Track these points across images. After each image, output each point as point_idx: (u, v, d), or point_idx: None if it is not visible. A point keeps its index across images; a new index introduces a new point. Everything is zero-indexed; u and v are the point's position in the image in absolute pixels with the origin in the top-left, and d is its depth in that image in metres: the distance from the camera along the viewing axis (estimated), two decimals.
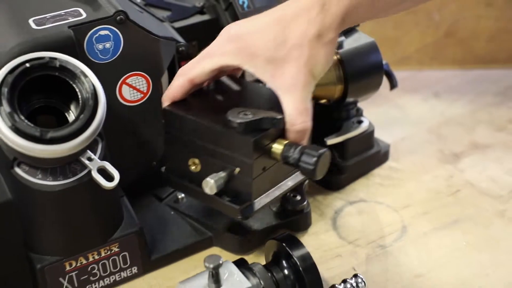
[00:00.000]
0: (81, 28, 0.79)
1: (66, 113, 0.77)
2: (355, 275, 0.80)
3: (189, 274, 0.75)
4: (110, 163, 0.76)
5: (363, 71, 0.95)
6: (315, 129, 0.95)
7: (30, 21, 0.79)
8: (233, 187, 0.78)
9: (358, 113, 1.01)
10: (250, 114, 0.76)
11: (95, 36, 0.80)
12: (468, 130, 1.12)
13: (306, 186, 0.94)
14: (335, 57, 0.93)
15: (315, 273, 0.77)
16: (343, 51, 0.93)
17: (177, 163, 0.82)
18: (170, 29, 0.93)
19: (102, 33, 0.80)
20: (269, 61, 0.76)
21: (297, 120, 0.76)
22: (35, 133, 0.71)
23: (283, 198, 0.90)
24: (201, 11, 0.99)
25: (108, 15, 0.80)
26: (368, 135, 1.01)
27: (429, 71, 1.30)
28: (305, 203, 0.91)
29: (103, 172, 0.76)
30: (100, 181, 0.75)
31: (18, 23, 0.79)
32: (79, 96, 0.74)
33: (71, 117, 0.77)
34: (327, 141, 0.96)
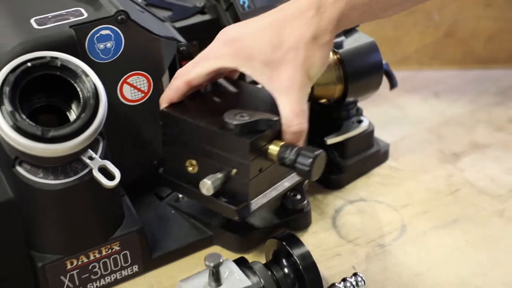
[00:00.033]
0: (82, 28, 0.79)
1: (67, 112, 0.77)
2: (354, 273, 0.80)
3: (189, 273, 0.75)
4: (111, 162, 0.76)
5: (363, 71, 0.95)
6: (315, 128, 0.96)
7: (32, 20, 0.79)
8: (230, 188, 0.79)
9: (358, 112, 1.01)
10: (247, 116, 0.76)
11: (96, 36, 0.80)
12: (468, 130, 1.11)
13: (306, 185, 0.94)
14: (335, 56, 0.93)
15: (315, 271, 0.77)
16: (343, 51, 0.93)
17: (175, 164, 0.83)
18: (171, 29, 0.94)
19: (103, 32, 0.80)
20: (265, 63, 0.77)
21: (293, 121, 0.77)
22: (37, 132, 0.71)
23: (283, 197, 0.91)
24: (202, 11, 0.99)
25: (109, 14, 0.80)
26: (368, 135, 1.01)
27: (429, 71, 1.30)
28: (305, 202, 0.91)
29: (104, 171, 0.76)
30: (101, 180, 0.75)
31: (19, 22, 0.79)
32: (80, 95, 0.75)
33: (72, 116, 0.77)
34: (327, 140, 0.96)
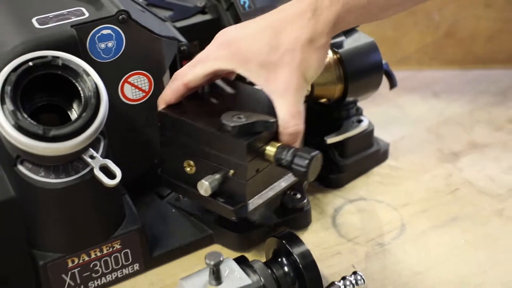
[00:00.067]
0: (83, 27, 0.79)
1: (68, 112, 0.77)
2: (354, 272, 0.80)
3: (190, 271, 0.76)
4: (112, 161, 0.77)
5: (363, 70, 0.95)
6: (315, 128, 0.97)
7: (33, 20, 0.80)
8: (227, 189, 0.79)
9: (358, 112, 1.01)
10: (244, 117, 0.77)
11: (97, 35, 0.80)
12: (467, 130, 1.12)
13: (306, 184, 0.94)
14: (335, 56, 0.94)
15: (314, 270, 0.77)
16: (343, 50, 0.93)
17: (173, 164, 0.83)
18: (172, 29, 0.94)
19: (105, 32, 0.80)
20: (262, 65, 0.77)
21: (290, 123, 0.77)
22: (38, 131, 0.71)
23: (283, 196, 0.91)
24: (202, 11, 1.00)
25: (110, 14, 0.80)
26: (368, 134, 1.01)
27: (428, 71, 1.30)
28: (305, 201, 0.91)
29: (105, 170, 0.76)
30: (102, 179, 0.75)
31: (21, 22, 0.80)
32: (81, 94, 0.75)
33: (73, 115, 0.77)
34: (327, 139, 0.97)
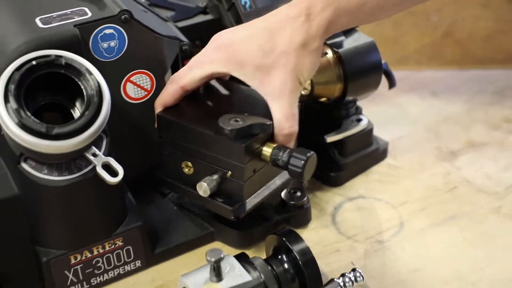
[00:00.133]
0: (86, 27, 0.80)
1: (71, 110, 0.78)
2: (353, 269, 0.81)
3: (191, 268, 0.76)
4: (114, 159, 0.77)
5: (362, 70, 0.96)
6: (315, 126, 0.97)
7: (37, 20, 0.80)
8: (225, 189, 0.81)
9: (358, 111, 1.01)
10: (241, 120, 0.78)
11: (100, 35, 0.81)
12: (465, 129, 1.12)
13: (306, 182, 0.95)
14: (335, 56, 0.94)
15: (314, 267, 0.77)
16: (343, 50, 0.94)
17: (171, 165, 0.84)
18: (173, 29, 0.94)
19: (107, 31, 0.81)
20: (257, 68, 0.78)
21: (285, 125, 0.79)
22: (41, 129, 0.71)
23: (283, 194, 0.92)
24: (204, 11, 1.00)
25: (113, 14, 0.81)
26: (367, 133, 1.01)
27: (427, 71, 1.30)
28: (305, 199, 0.92)
29: (107, 167, 0.77)
30: (105, 177, 0.76)
31: (25, 21, 0.80)
32: (84, 93, 0.75)
33: (76, 114, 0.77)
34: (327, 138, 0.97)
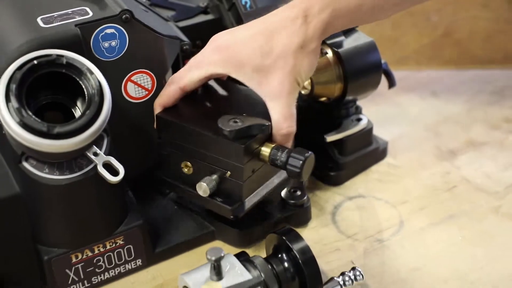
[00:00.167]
0: (87, 27, 0.80)
1: (72, 109, 0.78)
2: (353, 268, 0.81)
3: (191, 267, 0.76)
4: (115, 158, 0.77)
5: (362, 70, 0.96)
6: (315, 126, 0.98)
7: (38, 19, 0.80)
8: (224, 189, 0.81)
9: (357, 111, 1.01)
10: (240, 121, 0.79)
11: (101, 35, 0.81)
12: (464, 128, 1.12)
13: (306, 181, 0.95)
14: (335, 56, 0.94)
15: (314, 266, 0.77)
16: (343, 50, 0.94)
17: (171, 166, 0.85)
18: (174, 28, 0.94)
19: (108, 31, 0.81)
20: (255, 69, 0.79)
21: (283, 125, 0.80)
22: (43, 128, 0.72)
23: (283, 193, 0.92)
24: (204, 11, 1.00)
25: (114, 14, 0.81)
26: (367, 132, 1.01)
27: (427, 71, 1.30)
28: (305, 198, 0.92)
29: (108, 166, 0.77)
30: (106, 176, 0.76)
31: (26, 21, 0.80)
32: (85, 92, 0.75)
33: (77, 113, 0.77)
34: (327, 138, 0.97)
